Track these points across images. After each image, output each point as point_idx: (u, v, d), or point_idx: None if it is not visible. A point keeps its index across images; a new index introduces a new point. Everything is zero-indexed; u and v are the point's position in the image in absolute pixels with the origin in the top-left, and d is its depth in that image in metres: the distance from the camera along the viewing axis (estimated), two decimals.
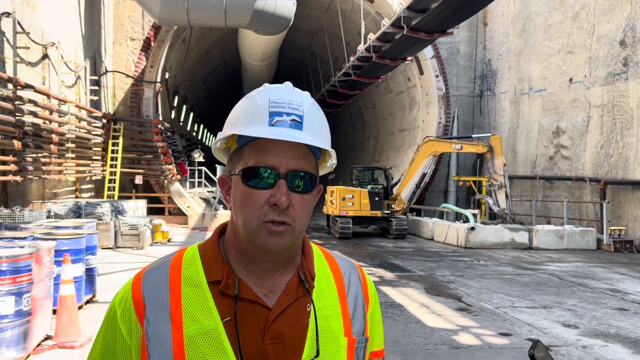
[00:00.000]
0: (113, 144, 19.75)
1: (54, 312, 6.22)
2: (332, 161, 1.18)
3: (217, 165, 23.25)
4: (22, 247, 5.53)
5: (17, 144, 11.67)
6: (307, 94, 1.13)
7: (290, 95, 1.09)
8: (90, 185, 19.39)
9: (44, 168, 13.77)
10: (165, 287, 1.10)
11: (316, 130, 1.09)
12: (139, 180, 20.47)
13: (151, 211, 19.88)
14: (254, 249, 1.10)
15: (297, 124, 1.06)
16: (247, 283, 1.10)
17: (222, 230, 1.20)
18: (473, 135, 21.12)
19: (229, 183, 1.14)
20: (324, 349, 1.11)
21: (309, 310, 1.12)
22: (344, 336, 1.15)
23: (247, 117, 1.08)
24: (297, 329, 1.10)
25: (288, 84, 1.13)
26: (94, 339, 1.16)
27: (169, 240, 15.94)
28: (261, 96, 1.09)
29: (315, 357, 1.09)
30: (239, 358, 1.04)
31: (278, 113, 1.06)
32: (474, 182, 23.12)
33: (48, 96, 14.15)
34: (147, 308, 1.08)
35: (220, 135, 1.13)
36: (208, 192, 23.52)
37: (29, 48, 13.64)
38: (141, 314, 1.08)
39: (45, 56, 14.87)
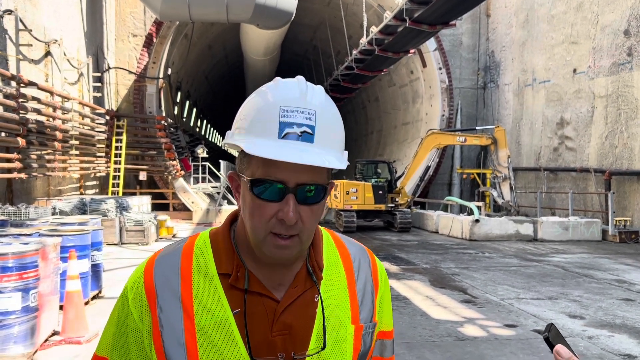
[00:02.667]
0: (117, 141, 19.79)
1: (61, 307, 6.25)
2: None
3: (220, 160, 23.28)
4: (28, 243, 5.55)
5: (21, 141, 11.71)
6: (320, 90, 1.08)
7: (303, 100, 1.03)
8: (94, 182, 19.45)
9: (49, 165, 13.82)
10: (176, 275, 1.12)
11: (329, 141, 1.04)
12: (143, 176, 20.52)
13: (155, 207, 19.93)
14: (262, 255, 1.10)
15: (308, 136, 1.01)
16: (257, 276, 1.12)
17: (233, 218, 1.20)
18: (477, 128, 21.06)
19: (238, 181, 1.12)
20: (331, 339, 1.12)
21: (316, 301, 1.13)
22: (351, 324, 1.16)
23: (256, 125, 1.03)
24: (304, 321, 1.12)
25: (300, 80, 1.08)
26: (108, 319, 1.19)
27: (173, 236, 15.99)
28: (271, 100, 1.04)
29: (322, 349, 1.10)
30: (248, 348, 1.06)
31: (289, 124, 1.01)
32: (478, 174, 23.07)
33: (51, 93, 14.17)
34: (158, 295, 1.10)
35: (228, 137, 1.10)
36: (212, 187, 23.57)
37: (31, 45, 13.65)
38: (153, 300, 1.10)
39: (47, 53, 14.89)
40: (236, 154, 1.16)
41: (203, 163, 23.99)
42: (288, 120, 1.01)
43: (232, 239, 1.15)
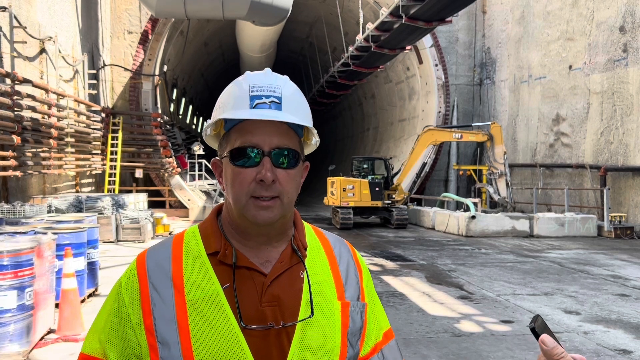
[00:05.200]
0: (112, 138, 19.73)
1: (57, 306, 6.24)
2: (315, 138, 1.25)
3: (216, 157, 23.21)
4: (23, 241, 5.53)
5: (16, 139, 11.65)
6: (286, 77, 1.21)
7: (269, 80, 1.17)
8: (90, 180, 19.39)
9: (44, 163, 13.77)
10: (168, 260, 1.19)
11: (294, 109, 1.17)
12: (139, 173, 20.46)
13: (152, 204, 19.88)
14: (246, 224, 1.17)
15: (277, 105, 1.14)
16: (244, 254, 1.18)
17: (218, 209, 1.28)
18: (473, 124, 21.07)
19: (221, 166, 1.23)
20: (318, 310, 1.18)
21: (302, 277, 1.20)
22: (337, 300, 1.22)
23: (231, 103, 1.17)
24: (292, 293, 1.18)
25: (267, 70, 1.21)
26: (101, 307, 1.23)
27: (170, 234, 15.96)
28: (243, 83, 1.18)
29: (310, 316, 1.16)
30: (239, 318, 1.11)
31: (258, 96, 1.14)
32: (475, 170, 23.10)
33: (46, 91, 14.10)
34: (150, 276, 1.16)
35: (208, 122, 1.21)
36: (208, 184, 23.52)
37: (26, 42, 13.58)
38: (144, 282, 1.16)
39: (42, 50, 14.82)
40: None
41: (199, 160, 23.93)
42: (257, 94, 1.14)
43: (219, 225, 1.23)
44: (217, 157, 1.25)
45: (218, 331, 1.10)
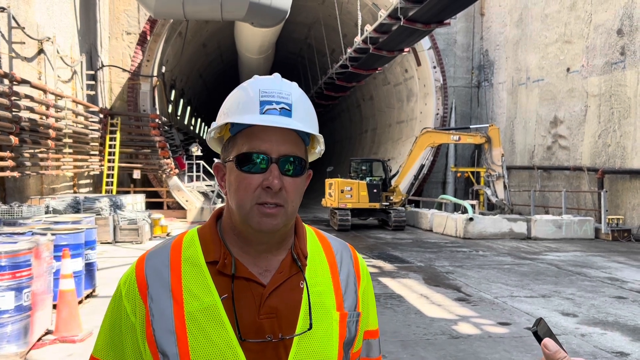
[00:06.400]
0: (110, 139, 19.72)
1: (54, 307, 6.22)
2: (320, 147, 1.25)
3: (214, 159, 23.25)
4: (21, 242, 5.52)
5: (14, 139, 11.65)
6: (295, 84, 1.19)
7: (279, 86, 1.15)
8: (88, 181, 19.37)
9: (42, 163, 13.75)
10: (166, 267, 1.17)
11: (304, 117, 1.16)
12: (137, 174, 20.46)
13: (150, 205, 19.87)
14: (248, 231, 1.15)
15: (287, 112, 1.13)
16: (243, 263, 1.17)
17: (218, 214, 1.26)
18: (471, 126, 21.11)
19: (224, 170, 1.20)
20: (317, 322, 1.16)
21: (302, 286, 1.18)
22: (336, 311, 1.21)
23: (239, 106, 1.14)
24: (290, 304, 1.16)
25: (277, 75, 1.19)
26: (102, 319, 1.23)
27: (167, 235, 15.95)
28: (252, 87, 1.16)
29: (308, 329, 1.15)
30: (237, 331, 1.10)
31: (268, 102, 1.12)
32: (472, 173, 23.14)
33: (44, 91, 14.10)
34: (149, 286, 1.15)
35: (214, 124, 1.18)
36: (206, 186, 23.52)
37: (24, 43, 13.58)
38: (144, 292, 1.15)
39: (40, 51, 14.81)
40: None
41: (197, 161, 23.93)
42: (268, 99, 1.12)
43: (218, 231, 1.21)
44: (219, 161, 1.23)
45: (216, 345, 1.10)
